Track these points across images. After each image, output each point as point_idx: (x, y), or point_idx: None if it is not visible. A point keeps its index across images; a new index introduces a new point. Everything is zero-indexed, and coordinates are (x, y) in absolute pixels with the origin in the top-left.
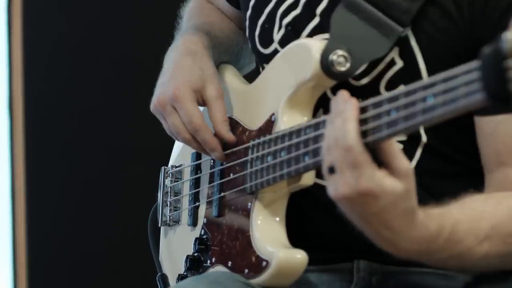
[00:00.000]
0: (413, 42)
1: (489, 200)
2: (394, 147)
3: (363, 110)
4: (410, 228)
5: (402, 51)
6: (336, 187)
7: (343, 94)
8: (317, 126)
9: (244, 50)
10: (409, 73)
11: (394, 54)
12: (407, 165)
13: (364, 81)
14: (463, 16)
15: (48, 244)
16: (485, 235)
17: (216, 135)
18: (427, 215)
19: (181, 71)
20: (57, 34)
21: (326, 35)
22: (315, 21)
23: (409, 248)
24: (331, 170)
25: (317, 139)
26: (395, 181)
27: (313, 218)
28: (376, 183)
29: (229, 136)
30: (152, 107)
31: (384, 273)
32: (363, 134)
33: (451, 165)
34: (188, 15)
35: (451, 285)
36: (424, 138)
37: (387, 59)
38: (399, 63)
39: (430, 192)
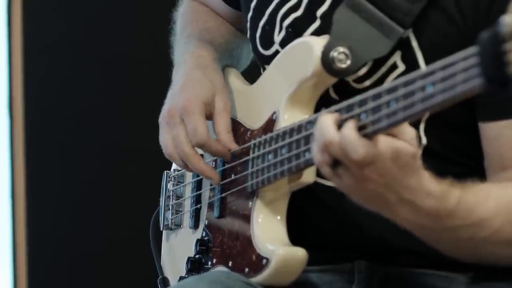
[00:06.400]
0: (415, 46)
1: (494, 185)
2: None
3: (362, 102)
4: (424, 182)
5: (404, 55)
6: (354, 173)
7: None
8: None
9: (243, 50)
10: None
11: (397, 57)
12: (412, 130)
13: (366, 83)
14: (466, 20)
15: (48, 244)
16: (495, 212)
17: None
18: (433, 176)
19: (192, 84)
20: (57, 34)
21: (327, 36)
22: (316, 24)
23: (428, 204)
24: (335, 164)
25: None
26: (406, 143)
27: (314, 219)
28: (392, 146)
29: (232, 146)
30: (160, 118)
31: (385, 274)
32: (361, 128)
33: (451, 166)
34: (183, 20)
35: (451, 287)
36: (424, 140)
37: (389, 62)
38: (401, 67)
39: None
